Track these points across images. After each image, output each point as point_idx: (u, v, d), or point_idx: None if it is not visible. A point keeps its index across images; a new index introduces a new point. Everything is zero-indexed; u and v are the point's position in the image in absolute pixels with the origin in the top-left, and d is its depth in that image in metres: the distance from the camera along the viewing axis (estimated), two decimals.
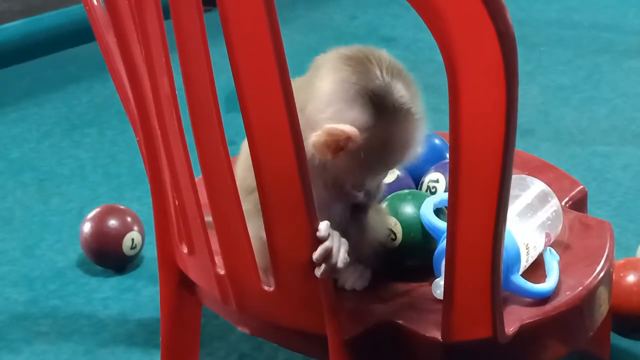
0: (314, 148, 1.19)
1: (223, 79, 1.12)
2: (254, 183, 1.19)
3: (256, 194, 1.20)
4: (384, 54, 1.24)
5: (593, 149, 2.55)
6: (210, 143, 1.22)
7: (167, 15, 1.20)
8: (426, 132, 1.25)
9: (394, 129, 1.20)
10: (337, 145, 1.19)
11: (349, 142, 1.18)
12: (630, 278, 1.69)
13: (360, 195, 1.28)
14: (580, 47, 3.34)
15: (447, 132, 1.08)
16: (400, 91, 1.20)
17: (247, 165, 1.24)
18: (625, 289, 1.68)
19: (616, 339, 1.71)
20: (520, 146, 1.79)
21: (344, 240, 1.21)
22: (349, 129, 1.18)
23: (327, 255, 1.18)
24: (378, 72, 1.20)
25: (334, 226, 1.21)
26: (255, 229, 1.25)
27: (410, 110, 1.21)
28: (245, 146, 1.20)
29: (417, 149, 1.25)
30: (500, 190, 1.11)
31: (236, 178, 1.23)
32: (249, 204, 1.25)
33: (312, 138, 1.18)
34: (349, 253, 1.22)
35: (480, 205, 1.13)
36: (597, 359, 1.66)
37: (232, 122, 1.22)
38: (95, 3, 1.46)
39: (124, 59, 1.37)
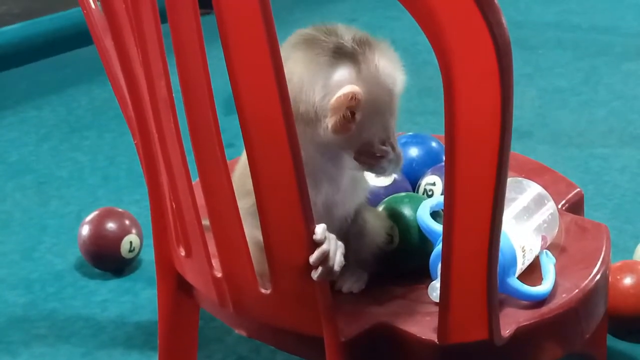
0: (336, 131, 1.20)
1: (221, 82, 1.13)
2: (249, 187, 1.19)
3: (251, 197, 1.20)
4: (319, 25, 1.27)
5: (591, 151, 2.55)
6: (207, 146, 1.23)
7: (164, 18, 1.20)
8: (397, 55, 1.26)
9: (373, 59, 1.21)
10: (351, 111, 1.19)
11: (356, 100, 1.19)
12: (627, 280, 1.70)
13: (390, 152, 1.26)
14: (579, 50, 3.34)
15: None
16: (349, 32, 1.23)
17: (247, 170, 1.24)
18: (622, 292, 1.69)
19: (612, 342, 1.71)
20: (518, 148, 1.80)
21: (340, 243, 1.21)
22: (348, 88, 1.19)
23: (324, 258, 1.18)
24: (323, 35, 1.22)
25: (333, 230, 1.22)
26: (253, 234, 1.25)
27: (369, 40, 1.23)
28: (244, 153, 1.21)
29: (400, 68, 1.26)
30: (495, 193, 1.11)
31: (235, 182, 1.24)
32: (247, 204, 1.25)
33: (328, 125, 1.19)
34: (347, 256, 1.23)
35: (476, 208, 1.13)
36: None
37: (231, 125, 1.22)
38: (93, 6, 1.47)
39: (121, 62, 1.37)
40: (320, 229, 1.18)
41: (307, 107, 1.19)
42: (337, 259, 1.20)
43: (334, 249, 1.19)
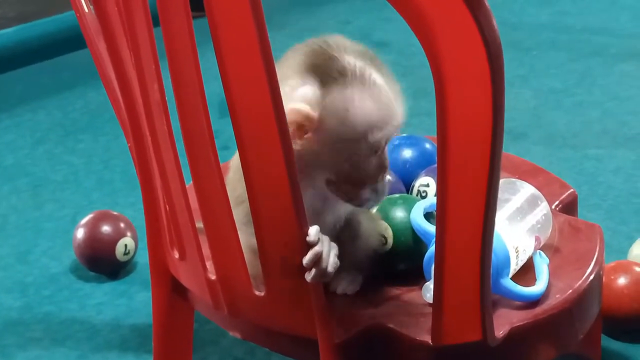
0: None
1: (216, 85, 1.13)
2: (244, 194, 1.19)
3: (245, 205, 1.20)
4: (339, 37, 1.23)
5: (585, 152, 2.55)
6: (200, 149, 1.23)
7: (156, 21, 1.21)
8: (401, 100, 1.24)
9: (348, 96, 1.19)
10: (298, 127, 1.18)
11: (306, 120, 1.17)
12: (621, 281, 1.70)
13: (364, 194, 1.25)
14: (573, 51, 3.35)
15: None
16: (350, 58, 1.19)
17: (238, 176, 1.24)
18: (616, 292, 1.69)
19: (607, 342, 1.72)
20: (513, 150, 1.80)
21: (333, 244, 1.21)
22: (297, 106, 1.17)
23: (317, 260, 1.18)
24: (325, 49, 1.20)
25: (327, 233, 1.22)
26: (246, 239, 1.25)
27: (363, 76, 1.19)
28: (236, 156, 1.21)
29: (388, 118, 1.22)
30: (488, 194, 1.11)
31: (227, 187, 1.24)
32: (239, 215, 1.25)
33: None
34: (341, 258, 1.23)
35: (469, 209, 1.14)
36: None
37: (225, 128, 1.22)
38: (86, 9, 1.47)
39: (114, 65, 1.38)
40: (313, 231, 1.18)
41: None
42: (331, 261, 1.20)
43: (328, 251, 1.19)
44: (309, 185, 1.23)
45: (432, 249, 1.30)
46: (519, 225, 1.37)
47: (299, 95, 1.19)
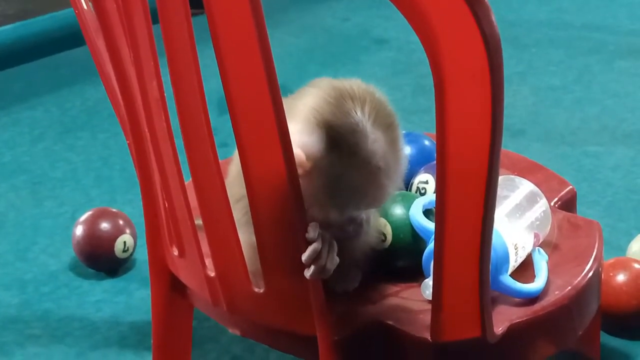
0: None
1: (215, 82, 1.13)
2: (241, 192, 1.19)
3: (242, 203, 1.21)
4: (375, 94, 1.21)
5: (584, 149, 2.55)
6: (199, 146, 1.23)
7: (156, 19, 1.21)
8: (391, 187, 1.23)
9: (348, 169, 1.19)
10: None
11: (299, 165, 1.17)
12: (620, 277, 1.70)
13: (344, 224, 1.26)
14: (572, 48, 3.35)
15: None
16: (367, 138, 1.18)
17: (234, 173, 1.24)
18: (615, 289, 1.69)
19: (606, 338, 1.72)
20: (511, 147, 1.80)
21: (333, 241, 1.22)
22: (297, 151, 1.16)
23: (316, 257, 1.19)
24: (353, 112, 1.18)
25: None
26: (244, 237, 1.25)
27: (369, 160, 1.19)
28: (235, 154, 1.21)
29: (375, 199, 1.23)
30: (487, 190, 1.11)
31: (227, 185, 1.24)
32: (238, 213, 1.25)
33: None
34: (341, 256, 1.23)
35: (468, 206, 1.14)
36: (587, 358, 1.66)
37: (224, 125, 1.22)
38: (85, 7, 1.47)
39: (113, 62, 1.38)
40: (312, 227, 1.18)
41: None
42: (330, 257, 1.20)
43: (327, 248, 1.20)
44: None
45: (431, 246, 1.30)
46: (518, 222, 1.37)
47: (304, 141, 1.18)
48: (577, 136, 2.65)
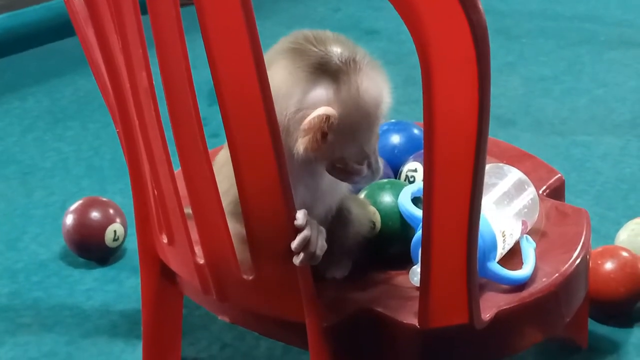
0: (306, 151, 1.19)
1: (207, 73, 1.13)
2: (230, 181, 1.20)
3: (231, 192, 1.21)
4: (311, 32, 1.24)
5: (573, 139, 2.56)
6: (188, 135, 1.23)
7: (145, 9, 1.21)
8: (385, 77, 1.24)
9: (356, 81, 1.19)
10: (322, 132, 1.18)
11: (329, 122, 1.17)
12: (608, 265, 1.71)
13: (364, 170, 1.26)
14: (562, 39, 3.36)
15: None
16: (339, 47, 1.20)
17: (224, 160, 1.24)
18: (603, 276, 1.70)
19: (594, 326, 1.73)
20: (501, 136, 1.81)
21: (321, 228, 1.22)
22: (321, 110, 1.17)
23: (306, 244, 1.19)
24: (311, 45, 1.20)
25: (318, 222, 1.23)
26: (233, 228, 1.26)
27: (356, 59, 1.20)
28: (225, 148, 1.21)
29: (386, 91, 1.24)
30: (474, 178, 1.12)
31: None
32: (228, 205, 1.26)
33: (300, 145, 1.18)
34: (330, 243, 1.24)
35: (455, 193, 1.14)
36: (575, 346, 1.67)
37: (215, 116, 1.23)
38: None
39: (102, 52, 1.38)
40: (301, 214, 1.18)
41: (280, 117, 1.16)
42: (319, 244, 1.20)
43: (316, 234, 1.20)
44: (300, 183, 1.24)
45: (419, 233, 1.31)
46: (506, 210, 1.37)
47: (315, 100, 1.18)
48: (567, 126, 2.65)
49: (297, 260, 1.20)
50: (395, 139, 1.62)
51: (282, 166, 1.15)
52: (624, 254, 1.73)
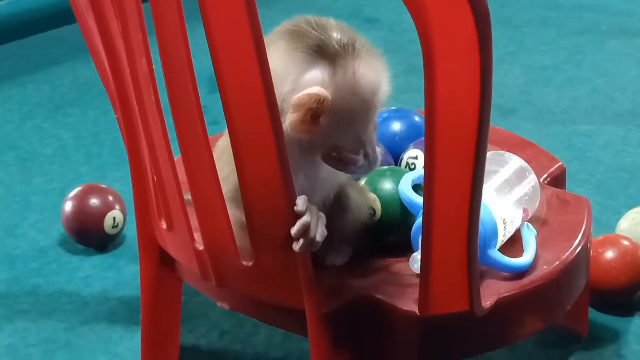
0: (294, 129, 1.18)
1: (207, 61, 1.13)
2: (230, 167, 1.19)
3: (231, 179, 1.21)
4: (311, 18, 1.23)
5: (574, 128, 2.56)
6: (188, 121, 1.23)
7: None
8: (385, 65, 1.23)
9: (353, 66, 1.18)
10: (313, 113, 1.18)
11: (322, 104, 1.17)
12: (609, 254, 1.70)
13: (361, 160, 1.25)
14: (563, 28, 3.35)
15: None
16: (338, 32, 1.20)
17: (224, 147, 1.24)
18: (604, 265, 1.70)
19: (594, 315, 1.72)
20: (503, 126, 1.81)
21: (321, 214, 1.22)
22: (314, 90, 1.17)
23: (306, 230, 1.19)
24: (310, 28, 1.19)
25: (318, 207, 1.22)
26: (232, 214, 1.25)
27: (355, 46, 1.19)
28: (225, 135, 1.21)
29: (385, 79, 1.23)
30: (475, 165, 1.12)
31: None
32: (228, 192, 1.25)
33: (287, 121, 1.18)
34: (330, 230, 1.23)
35: (456, 180, 1.14)
36: (575, 335, 1.67)
37: (215, 104, 1.22)
38: None
39: (103, 37, 1.37)
40: (301, 201, 1.18)
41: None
42: (319, 230, 1.20)
43: (316, 221, 1.20)
44: (300, 171, 1.23)
45: (419, 221, 1.30)
46: (507, 197, 1.37)
47: (310, 81, 1.18)
48: (568, 115, 2.65)
49: (297, 246, 1.19)
50: (396, 126, 1.61)
51: (283, 152, 1.15)
52: (625, 242, 1.73)
